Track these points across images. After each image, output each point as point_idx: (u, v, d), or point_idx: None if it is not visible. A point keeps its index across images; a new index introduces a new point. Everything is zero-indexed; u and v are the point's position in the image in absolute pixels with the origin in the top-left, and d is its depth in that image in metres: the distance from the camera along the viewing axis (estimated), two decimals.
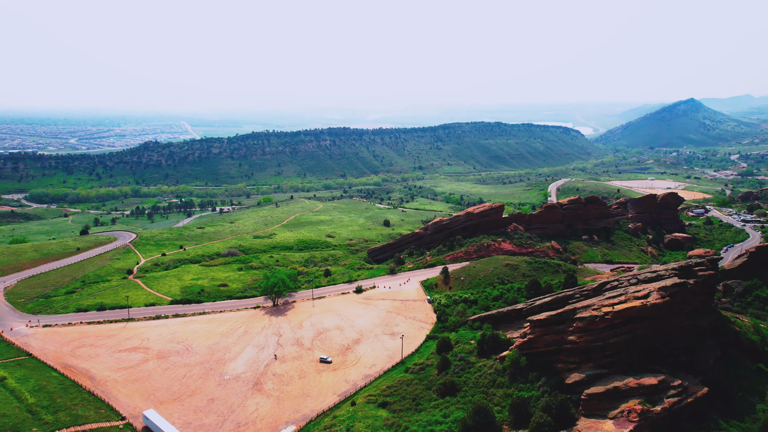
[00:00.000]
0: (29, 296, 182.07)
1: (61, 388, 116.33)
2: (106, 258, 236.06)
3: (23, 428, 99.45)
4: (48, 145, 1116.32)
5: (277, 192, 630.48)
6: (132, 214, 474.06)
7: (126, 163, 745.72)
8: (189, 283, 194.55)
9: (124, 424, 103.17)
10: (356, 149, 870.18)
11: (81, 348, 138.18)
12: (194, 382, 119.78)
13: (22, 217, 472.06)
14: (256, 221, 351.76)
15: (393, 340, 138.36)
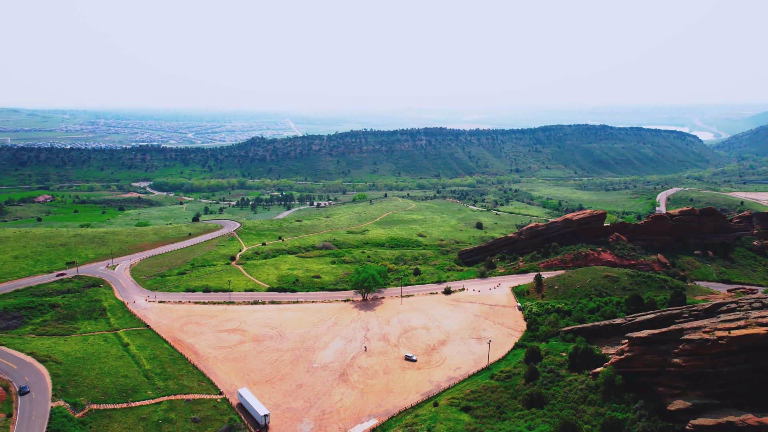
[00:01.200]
0: (149, 274, 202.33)
1: (171, 359, 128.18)
2: (213, 244, 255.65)
3: (141, 390, 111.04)
4: (170, 139, 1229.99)
5: (371, 189, 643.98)
6: (237, 205, 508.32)
7: (234, 157, 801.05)
8: (285, 273, 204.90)
9: (221, 399, 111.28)
10: (451, 149, 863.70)
11: (188, 325, 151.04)
12: (285, 367, 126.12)
13: (146, 203, 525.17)
14: (350, 217, 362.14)
15: (480, 345, 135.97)
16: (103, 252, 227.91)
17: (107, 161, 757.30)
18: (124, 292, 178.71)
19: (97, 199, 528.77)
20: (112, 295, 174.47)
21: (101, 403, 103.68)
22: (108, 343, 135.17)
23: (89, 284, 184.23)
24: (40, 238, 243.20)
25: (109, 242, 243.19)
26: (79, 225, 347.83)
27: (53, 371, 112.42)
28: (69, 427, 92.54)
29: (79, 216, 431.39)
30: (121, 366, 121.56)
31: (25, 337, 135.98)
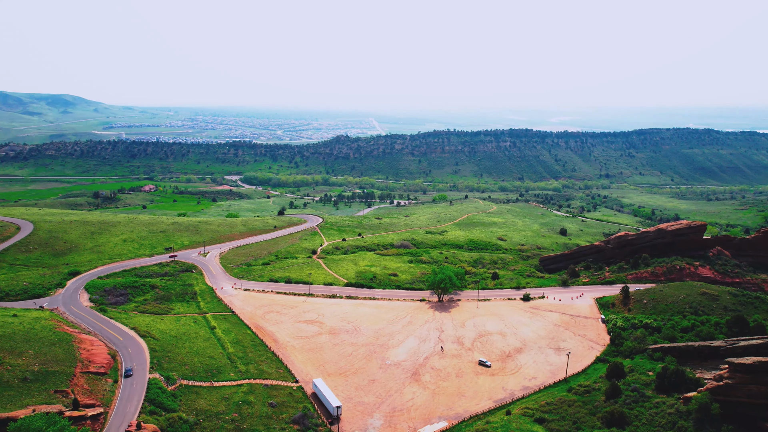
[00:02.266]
0: (236, 263, 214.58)
1: (253, 344, 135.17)
2: (296, 237, 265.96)
3: (224, 371, 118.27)
4: (261, 136, 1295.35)
5: (452, 190, 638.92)
6: (320, 201, 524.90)
7: (319, 154, 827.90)
8: (363, 269, 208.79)
9: (297, 387, 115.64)
10: (537, 152, 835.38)
11: (270, 313, 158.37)
12: (358, 362, 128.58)
13: (237, 195, 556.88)
14: (429, 217, 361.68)
15: (558, 356, 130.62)
16: (196, 240, 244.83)
17: (203, 155, 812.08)
18: (213, 279, 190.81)
19: (194, 190, 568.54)
20: (202, 281, 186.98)
21: (190, 380, 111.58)
22: (197, 325, 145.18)
23: (183, 269, 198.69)
24: (144, 224, 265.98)
25: (202, 231, 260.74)
26: (177, 214, 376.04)
27: (151, 346, 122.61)
28: (162, 398, 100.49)
29: (178, 205, 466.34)
30: (208, 347, 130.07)
31: (129, 313, 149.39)
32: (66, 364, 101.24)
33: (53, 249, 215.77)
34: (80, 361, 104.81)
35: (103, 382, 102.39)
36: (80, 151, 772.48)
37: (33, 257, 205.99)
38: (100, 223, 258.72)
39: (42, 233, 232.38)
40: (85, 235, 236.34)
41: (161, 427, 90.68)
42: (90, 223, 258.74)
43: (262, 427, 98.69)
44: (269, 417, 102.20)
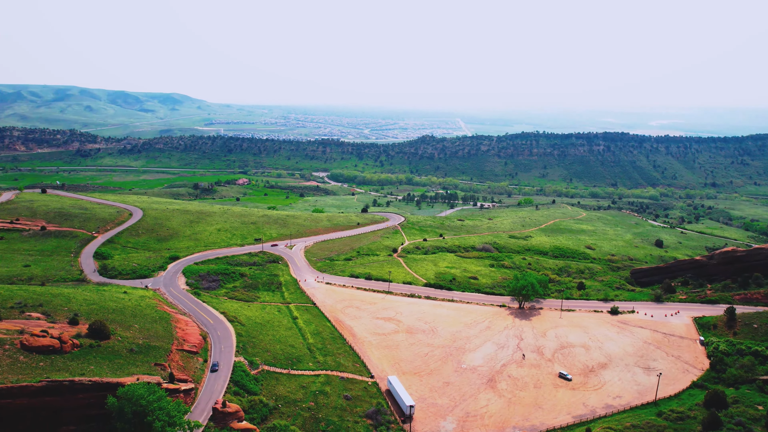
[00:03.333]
0: (319, 256, 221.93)
1: (331, 337, 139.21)
2: (378, 235, 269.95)
3: (304, 360, 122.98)
4: (348, 134, 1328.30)
5: (539, 194, 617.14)
6: (403, 200, 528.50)
7: (404, 154, 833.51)
8: (443, 270, 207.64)
9: (372, 382, 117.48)
10: (633, 157, 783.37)
11: (349, 308, 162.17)
12: (434, 363, 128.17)
13: (323, 191, 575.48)
14: (513, 221, 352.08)
15: (647, 376, 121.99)
16: (284, 233, 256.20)
17: (294, 152, 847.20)
18: (298, 271, 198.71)
19: (283, 185, 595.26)
20: (287, 272, 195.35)
21: (271, 366, 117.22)
22: (281, 314, 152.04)
23: (270, 260, 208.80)
24: (237, 215, 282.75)
25: (290, 224, 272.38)
26: (267, 207, 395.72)
27: (237, 331, 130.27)
28: (246, 380, 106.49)
29: (268, 199, 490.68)
30: (289, 336, 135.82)
31: (220, 298, 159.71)
32: (165, 340, 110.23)
33: (158, 234, 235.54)
34: (176, 339, 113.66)
35: (195, 360, 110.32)
36: (184, 145, 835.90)
37: (141, 241, 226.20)
38: (198, 213, 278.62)
39: (149, 220, 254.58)
40: (185, 223, 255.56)
41: (243, 407, 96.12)
42: (189, 212, 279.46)
43: (336, 418, 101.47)
44: (344, 409, 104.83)
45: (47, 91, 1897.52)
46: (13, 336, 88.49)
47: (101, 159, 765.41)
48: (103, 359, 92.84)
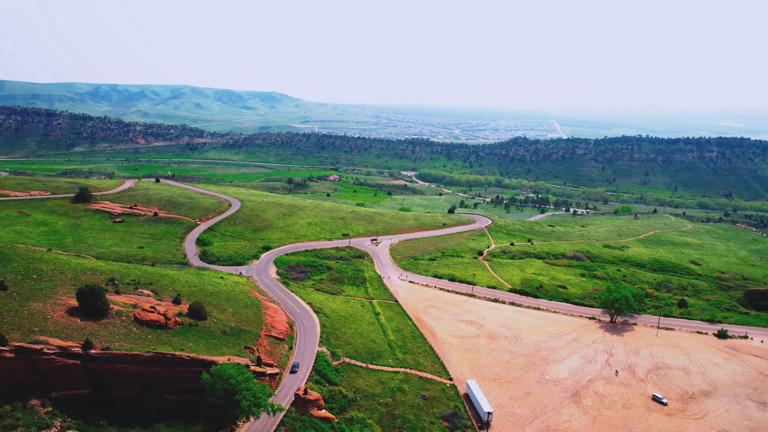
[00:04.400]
0: (404, 255, 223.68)
1: (412, 335, 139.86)
2: (464, 237, 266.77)
3: (384, 356, 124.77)
4: (438, 134, 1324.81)
5: (638, 203, 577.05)
6: (491, 202, 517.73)
7: (494, 155, 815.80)
8: (529, 276, 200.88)
9: (450, 384, 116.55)
10: (753, 165, 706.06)
11: (431, 308, 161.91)
12: (515, 371, 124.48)
13: (410, 190, 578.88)
14: (609, 230, 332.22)
15: (762, 412, 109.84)
16: (370, 229, 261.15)
17: (383, 150, 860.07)
18: (382, 267, 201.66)
19: (372, 183, 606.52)
20: (372, 268, 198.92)
21: (352, 359, 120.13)
22: (363, 309, 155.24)
23: (356, 255, 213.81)
24: (327, 210, 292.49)
25: (376, 221, 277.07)
26: (356, 203, 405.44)
27: (322, 322, 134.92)
28: (327, 370, 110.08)
29: (357, 196, 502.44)
30: (371, 331, 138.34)
31: (307, 289, 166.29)
32: (254, 325, 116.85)
33: (253, 225, 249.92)
34: (265, 325, 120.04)
35: (281, 347, 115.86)
36: (280, 141, 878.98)
37: (238, 230, 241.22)
38: (290, 206, 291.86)
39: (246, 211, 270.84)
40: (278, 215, 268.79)
41: (323, 396, 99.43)
42: (283, 205, 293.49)
43: (413, 416, 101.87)
44: (420, 408, 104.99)
45: (165, 90, 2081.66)
46: (128, 309, 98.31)
47: (206, 152, 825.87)
48: (200, 338, 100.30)
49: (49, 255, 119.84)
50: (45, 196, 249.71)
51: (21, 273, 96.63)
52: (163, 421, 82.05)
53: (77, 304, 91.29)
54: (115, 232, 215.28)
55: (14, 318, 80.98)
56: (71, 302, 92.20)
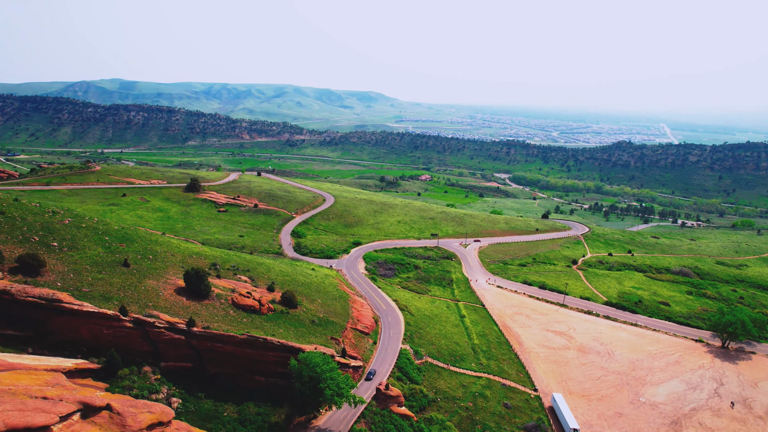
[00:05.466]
0: (493, 258, 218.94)
1: (497, 341, 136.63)
2: (557, 244, 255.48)
3: (467, 360, 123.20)
4: (534, 136, 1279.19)
5: (763, 217, 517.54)
6: (589, 209, 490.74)
7: (595, 160, 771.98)
8: (628, 290, 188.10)
9: (534, 395, 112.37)
10: None
11: (518, 315, 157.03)
12: (606, 389, 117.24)
13: (503, 193, 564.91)
14: (724, 245, 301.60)
15: None
16: (459, 231, 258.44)
17: (477, 151, 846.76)
18: (470, 270, 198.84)
19: (463, 184, 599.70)
20: (459, 270, 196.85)
21: (435, 359, 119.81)
22: (449, 310, 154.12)
23: (444, 256, 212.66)
24: (417, 210, 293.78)
25: (466, 223, 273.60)
26: (446, 204, 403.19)
27: (406, 320, 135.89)
28: (409, 368, 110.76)
29: (447, 196, 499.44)
30: (455, 333, 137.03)
31: (394, 286, 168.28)
32: (341, 317, 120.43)
33: (345, 220, 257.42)
34: (352, 318, 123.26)
35: (366, 341, 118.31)
36: (375, 140, 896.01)
37: (330, 225, 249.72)
38: (381, 204, 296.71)
39: (339, 206, 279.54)
40: (369, 212, 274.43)
41: (404, 394, 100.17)
42: (374, 202, 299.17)
43: (493, 424, 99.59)
44: (502, 416, 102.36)
45: (269, 89, 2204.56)
46: (227, 293, 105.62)
47: (304, 149, 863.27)
48: (290, 325, 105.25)
49: (162, 238, 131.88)
50: (162, 185, 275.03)
51: (140, 253, 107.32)
52: (253, 400, 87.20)
53: (184, 285, 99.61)
54: (219, 220, 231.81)
55: (133, 293, 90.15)
56: (179, 282, 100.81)
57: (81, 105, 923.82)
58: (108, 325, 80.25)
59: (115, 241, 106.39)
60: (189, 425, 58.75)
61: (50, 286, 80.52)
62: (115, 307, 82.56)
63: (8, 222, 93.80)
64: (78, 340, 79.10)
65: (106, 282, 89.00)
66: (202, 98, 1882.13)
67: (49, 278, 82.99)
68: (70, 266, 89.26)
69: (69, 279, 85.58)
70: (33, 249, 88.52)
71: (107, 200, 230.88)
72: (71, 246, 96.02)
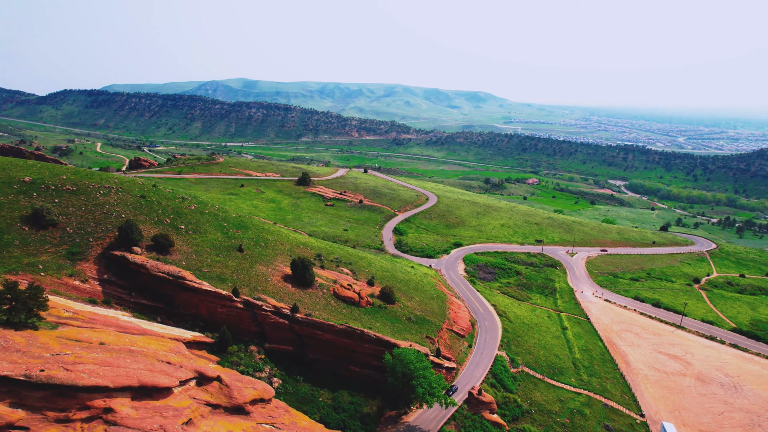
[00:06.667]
0: (602, 270, 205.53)
1: (601, 358, 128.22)
2: (677, 259, 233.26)
3: (566, 374, 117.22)
4: (657, 141, 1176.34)
5: None
6: (718, 224, 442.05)
7: (729, 169, 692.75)
8: (764, 318, 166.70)
9: (641, 421, 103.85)
10: None
11: (626, 332, 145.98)
12: (730, 427, 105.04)
13: (617, 201, 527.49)
14: None
15: None
16: (566, 238, 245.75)
17: (590, 156, 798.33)
18: (575, 280, 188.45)
19: (573, 190, 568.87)
20: (564, 280, 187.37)
21: (531, 369, 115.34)
22: (550, 321, 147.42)
23: (548, 263, 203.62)
24: (522, 214, 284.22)
25: (574, 231, 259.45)
26: (553, 210, 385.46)
27: (504, 326, 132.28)
28: (504, 375, 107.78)
29: (555, 202, 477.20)
30: (555, 345, 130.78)
31: (493, 291, 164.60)
32: (437, 317, 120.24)
33: (446, 221, 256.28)
34: (448, 318, 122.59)
35: (461, 343, 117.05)
36: (481, 141, 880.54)
37: (431, 224, 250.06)
38: (485, 206, 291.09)
39: (441, 206, 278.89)
40: (472, 214, 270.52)
41: (497, 401, 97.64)
42: (477, 204, 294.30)
43: None
44: None
45: (379, 89, 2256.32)
46: (329, 283, 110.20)
47: (410, 148, 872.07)
48: (387, 320, 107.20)
49: (274, 228, 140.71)
50: (276, 178, 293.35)
51: (253, 240, 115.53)
52: (347, 388, 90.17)
53: (290, 273, 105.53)
54: (326, 213, 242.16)
55: (245, 276, 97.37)
56: (286, 270, 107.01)
57: (210, 102, 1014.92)
58: (222, 304, 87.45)
59: (232, 228, 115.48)
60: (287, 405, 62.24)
61: (177, 265, 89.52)
62: (229, 288, 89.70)
63: (147, 205, 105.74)
64: (197, 315, 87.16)
65: (222, 264, 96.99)
66: (317, 97, 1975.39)
67: (176, 257, 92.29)
68: (194, 248, 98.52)
69: (192, 259, 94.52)
70: (165, 230, 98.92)
71: (227, 189, 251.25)
72: (195, 230, 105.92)
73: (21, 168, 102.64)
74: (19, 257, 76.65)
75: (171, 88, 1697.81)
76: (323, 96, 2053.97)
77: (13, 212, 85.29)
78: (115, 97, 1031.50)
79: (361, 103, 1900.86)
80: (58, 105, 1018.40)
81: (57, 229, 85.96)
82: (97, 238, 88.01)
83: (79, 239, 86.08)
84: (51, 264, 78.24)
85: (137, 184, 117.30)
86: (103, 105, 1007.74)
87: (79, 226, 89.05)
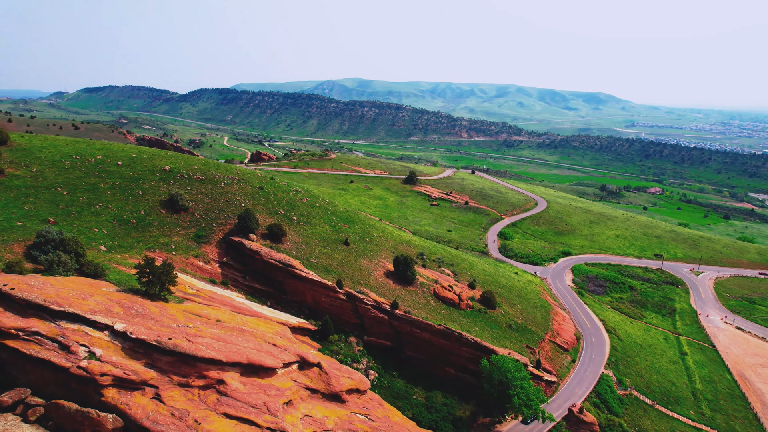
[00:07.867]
0: (734, 293, 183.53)
1: (729, 393, 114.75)
2: None
3: (683, 404, 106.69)
4: None
5: None
6: None
7: None
8: None
9: None
10: None
11: (764, 368, 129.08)
12: None
13: (759, 217, 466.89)
14: None
15: None
16: (691, 255, 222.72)
17: (727, 165, 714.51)
18: (700, 302, 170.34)
19: (703, 202, 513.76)
20: (686, 300, 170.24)
21: (641, 394, 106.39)
22: (666, 343, 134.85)
23: (668, 281, 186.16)
24: (640, 225, 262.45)
25: (702, 247, 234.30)
26: (677, 222, 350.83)
27: (613, 344, 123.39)
28: (609, 396, 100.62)
29: (681, 214, 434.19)
30: (671, 371, 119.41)
31: (603, 305, 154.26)
32: (540, 327, 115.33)
33: (556, 228, 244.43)
34: (551, 330, 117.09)
35: (563, 357, 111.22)
36: (599, 145, 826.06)
37: (539, 231, 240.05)
38: (599, 215, 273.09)
39: (551, 212, 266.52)
40: (584, 222, 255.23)
41: (600, 423, 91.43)
42: (591, 212, 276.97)
43: None
44: None
45: (492, 89, 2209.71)
46: (430, 283, 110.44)
47: (521, 150, 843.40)
48: (486, 325, 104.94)
49: (379, 224, 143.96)
50: (384, 176, 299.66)
51: (359, 234, 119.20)
52: (441, 389, 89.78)
53: (392, 269, 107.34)
54: (430, 213, 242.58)
55: (350, 269, 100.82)
56: (388, 266, 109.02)
57: (326, 101, 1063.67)
58: (326, 294, 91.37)
59: (339, 222, 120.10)
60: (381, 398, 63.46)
61: (287, 253, 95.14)
62: (333, 279, 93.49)
63: (265, 196, 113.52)
64: (302, 302, 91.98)
65: (328, 256, 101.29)
66: (427, 96, 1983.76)
67: (287, 246, 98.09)
68: (303, 238, 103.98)
69: (301, 249, 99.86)
70: (279, 220, 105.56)
71: (337, 185, 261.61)
72: (306, 221, 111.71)
73: (163, 158, 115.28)
74: (157, 237, 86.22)
75: (291, 86, 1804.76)
76: (434, 96, 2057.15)
77: (154, 197, 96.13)
78: (242, 95, 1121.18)
79: (472, 103, 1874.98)
80: (194, 102, 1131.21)
81: (187, 214, 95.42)
82: (220, 224, 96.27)
83: (204, 224, 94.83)
84: (181, 245, 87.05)
85: (257, 176, 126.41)
86: (231, 102, 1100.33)
87: (205, 212, 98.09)
